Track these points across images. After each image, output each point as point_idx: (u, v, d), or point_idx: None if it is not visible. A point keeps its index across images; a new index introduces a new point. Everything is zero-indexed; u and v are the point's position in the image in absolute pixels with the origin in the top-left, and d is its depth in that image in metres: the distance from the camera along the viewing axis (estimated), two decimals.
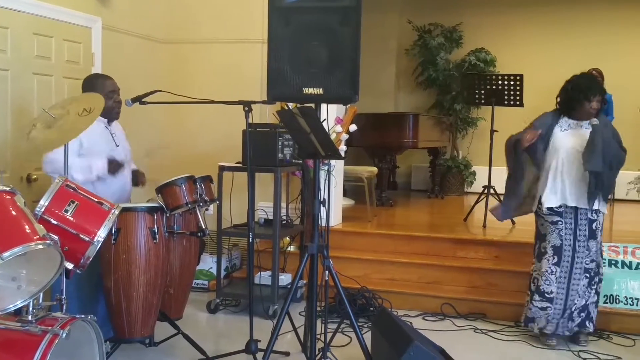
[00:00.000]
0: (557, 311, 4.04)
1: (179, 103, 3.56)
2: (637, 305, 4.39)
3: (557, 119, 4.11)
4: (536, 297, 4.09)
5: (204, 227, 3.69)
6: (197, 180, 3.78)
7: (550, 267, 4.05)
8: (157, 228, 3.50)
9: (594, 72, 7.14)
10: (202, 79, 5.75)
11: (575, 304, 4.04)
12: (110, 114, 3.75)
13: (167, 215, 3.63)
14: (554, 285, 4.03)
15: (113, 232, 3.35)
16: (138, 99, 3.54)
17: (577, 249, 4.02)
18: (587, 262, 4.03)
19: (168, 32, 5.93)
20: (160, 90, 3.59)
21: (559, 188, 4.03)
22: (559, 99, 4.16)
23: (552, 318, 4.05)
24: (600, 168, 3.86)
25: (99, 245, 2.91)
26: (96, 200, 3.00)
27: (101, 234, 2.91)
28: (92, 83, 3.80)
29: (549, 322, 4.08)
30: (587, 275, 4.03)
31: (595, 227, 4.02)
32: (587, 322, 4.09)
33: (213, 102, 3.61)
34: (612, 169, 3.95)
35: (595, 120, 3.94)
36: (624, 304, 4.43)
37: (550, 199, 4.04)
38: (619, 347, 4.11)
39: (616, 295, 4.44)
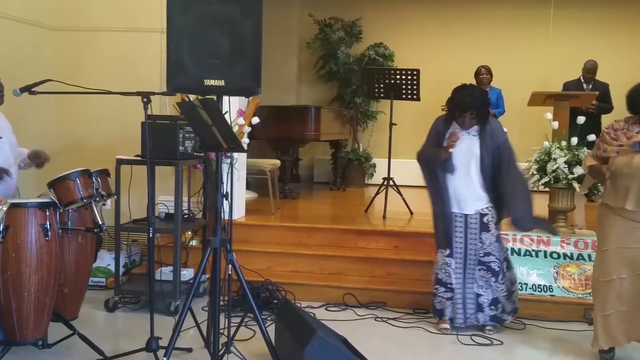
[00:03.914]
0: (458, 300, 4.19)
1: (73, 93, 3.41)
2: (526, 289, 4.65)
3: (448, 125, 4.17)
4: (441, 288, 4.23)
5: (100, 222, 3.57)
6: (93, 174, 3.64)
7: (445, 260, 4.20)
8: (50, 225, 3.33)
9: (482, 69, 7.51)
10: (97, 69, 5.54)
11: (481, 295, 4.16)
12: None
13: (61, 211, 3.46)
14: (452, 276, 4.18)
15: (1, 229, 3.17)
16: (27, 89, 3.35)
17: (469, 241, 4.16)
18: (481, 255, 4.15)
19: (60, 19, 5.65)
20: (51, 80, 3.43)
21: (452, 192, 4.15)
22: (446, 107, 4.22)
23: (457, 307, 4.19)
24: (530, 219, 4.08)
25: None
26: None
27: None
28: None
29: (456, 313, 4.20)
30: (485, 267, 4.15)
31: (487, 220, 4.14)
32: (504, 315, 4.23)
33: (109, 92, 3.47)
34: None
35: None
36: None
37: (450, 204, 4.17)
38: (510, 330, 4.32)
39: None
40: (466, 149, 4.10)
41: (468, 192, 4.13)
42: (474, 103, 4.03)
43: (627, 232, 3.57)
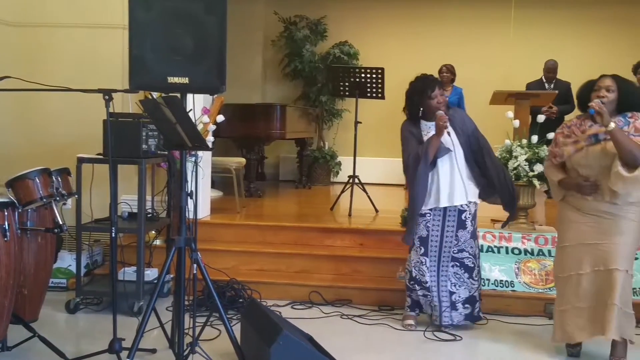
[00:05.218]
0: (434, 299, 4.18)
1: (32, 90, 3.34)
2: (488, 285, 4.72)
3: (417, 126, 4.17)
4: (417, 287, 4.21)
5: (60, 222, 3.50)
6: (53, 173, 3.56)
7: (419, 258, 4.17)
8: (8, 225, 3.25)
9: (443, 67, 7.59)
10: (58, 66, 5.44)
11: (455, 292, 4.17)
12: None
13: (20, 210, 3.38)
14: (427, 275, 4.16)
15: None
16: None
17: (445, 238, 4.14)
18: (454, 252, 4.15)
19: (19, 14, 5.52)
20: (10, 77, 3.35)
21: (433, 190, 4.10)
22: (407, 110, 4.21)
23: (434, 304, 4.19)
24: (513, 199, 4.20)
25: None
26: None
27: None
28: None
29: (434, 310, 4.21)
30: (458, 264, 4.16)
31: (465, 217, 4.12)
32: (475, 312, 4.24)
33: (69, 89, 3.40)
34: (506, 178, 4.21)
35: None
36: None
37: (428, 202, 4.11)
38: (475, 325, 4.36)
39: None
40: (444, 144, 4.05)
41: (452, 186, 4.09)
42: (437, 79, 4.15)
43: (585, 228, 3.63)
